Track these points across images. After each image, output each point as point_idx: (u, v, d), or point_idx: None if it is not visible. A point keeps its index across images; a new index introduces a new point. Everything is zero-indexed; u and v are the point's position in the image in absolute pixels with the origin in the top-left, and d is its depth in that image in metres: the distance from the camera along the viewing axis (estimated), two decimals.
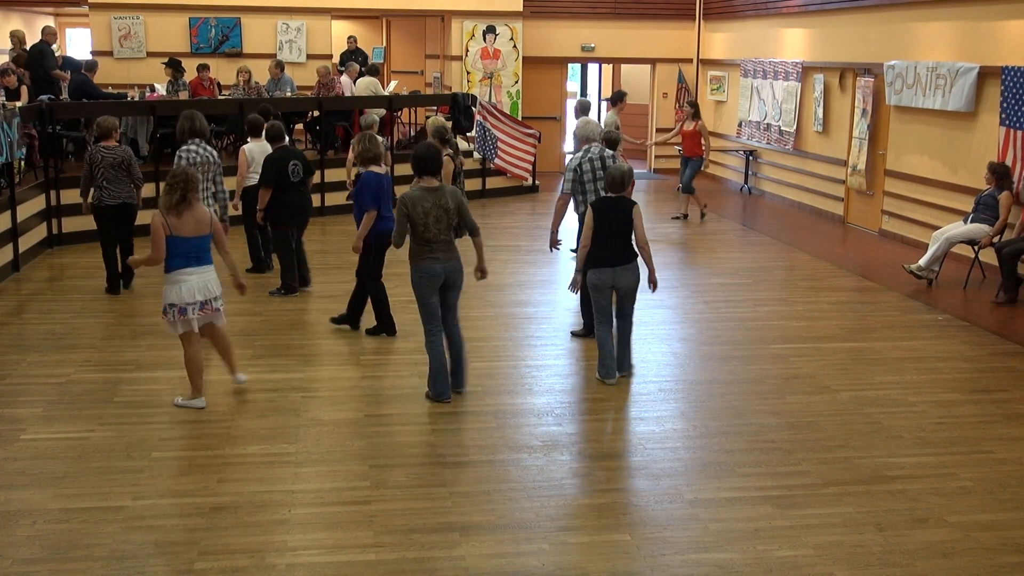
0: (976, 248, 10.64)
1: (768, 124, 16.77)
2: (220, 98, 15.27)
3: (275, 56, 17.10)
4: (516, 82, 18.67)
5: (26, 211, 11.23)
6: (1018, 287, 10.06)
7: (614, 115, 13.29)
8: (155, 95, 15.17)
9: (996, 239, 10.41)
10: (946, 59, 12.12)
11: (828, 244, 13.22)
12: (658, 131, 19.27)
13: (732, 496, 5.71)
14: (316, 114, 15.39)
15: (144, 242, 8.58)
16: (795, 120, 15.86)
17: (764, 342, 8.73)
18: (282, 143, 9.95)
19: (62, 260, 11.56)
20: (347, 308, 8.86)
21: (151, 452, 6.18)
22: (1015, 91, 10.79)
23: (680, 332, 9.01)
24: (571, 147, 13.81)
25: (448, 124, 10.56)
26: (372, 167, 8.49)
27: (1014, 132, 10.82)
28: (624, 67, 22.32)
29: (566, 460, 6.19)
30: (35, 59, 14.02)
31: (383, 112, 15.35)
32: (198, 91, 15.34)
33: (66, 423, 6.64)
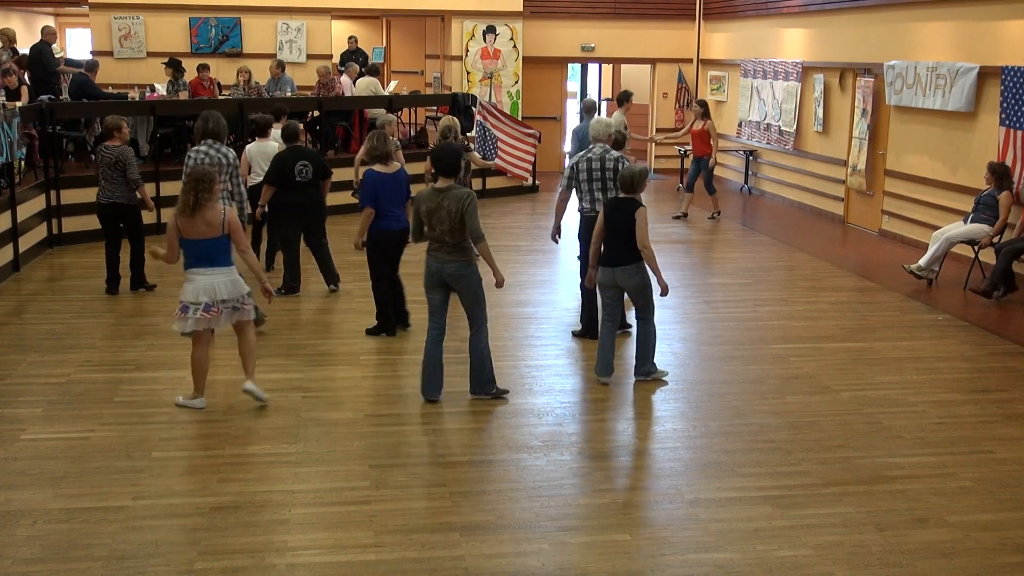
0: (976, 248, 10.64)
1: (768, 124, 16.77)
2: (220, 98, 15.26)
3: (275, 56, 17.10)
4: (516, 82, 18.67)
5: (26, 211, 11.23)
6: (1008, 284, 10.06)
7: (621, 115, 13.25)
8: (155, 95, 15.17)
9: (996, 239, 10.42)
10: (946, 59, 12.12)
11: (828, 244, 13.22)
12: (659, 131, 19.27)
13: (732, 496, 5.71)
14: (316, 114, 15.39)
15: (157, 241, 8.99)
16: (795, 120, 15.86)
17: (764, 342, 8.73)
18: (296, 142, 9.96)
19: (62, 260, 11.56)
20: (400, 310, 8.83)
21: (151, 452, 6.18)
22: (1015, 91, 10.79)
23: (680, 332, 9.01)
24: (570, 147, 13.80)
25: (457, 123, 10.49)
26: (376, 166, 8.49)
27: (1014, 132, 10.82)
28: (624, 67, 22.33)
29: (566, 460, 6.19)
30: (35, 59, 14.03)
31: (390, 116, 15.29)
32: (198, 91, 15.33)
33: (66, 423, 6.64)
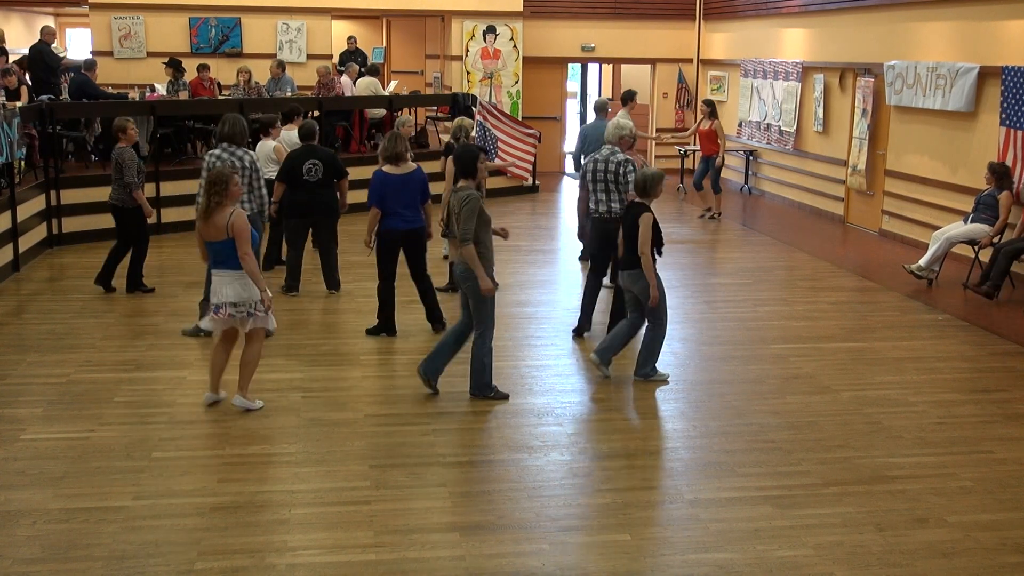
0: (976, 248, 10.64)
1: (768, 124, 16.77)
2: (220, 98, 15.26)
3: (275, 56, 17.10)
4: (516, 82, 18.67)
5: (26, 211, 11.22)
6: (1000, 285, 10.07)
7: (626, 114, 13.21)
8: (155, 95, 15.16)
9: (996, 239, 10.42)
10: (946, 59, 12.12)
11: (828, 244, 13.22)
12: (659, 130, 19.28)
13: (732, 496, 5.71)
14: (316, 114, 15.38)
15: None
16: (795, 120, 15.85)
17: (764, 342, 8.73)
18: (311, 141, 9.97)
19: (62, 260, 11.56)
20: (426, 311, 8.82)
21: (151, 452, 6.18)
22: (1015, 91, 10.79)
23: (680, 332, 9.00)
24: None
25: (467, 123, 10.44)
26: (386, 166, 8.53)
27: (1014, 132, 10.82)
28: (624, 67, 22.33)
29: (566, 460, 6.19)
30: (35, 59, 14.03)
31: (405, 118, 15.29)
32: (198, 91, 15.33)
33: (66, 423, 6.64)
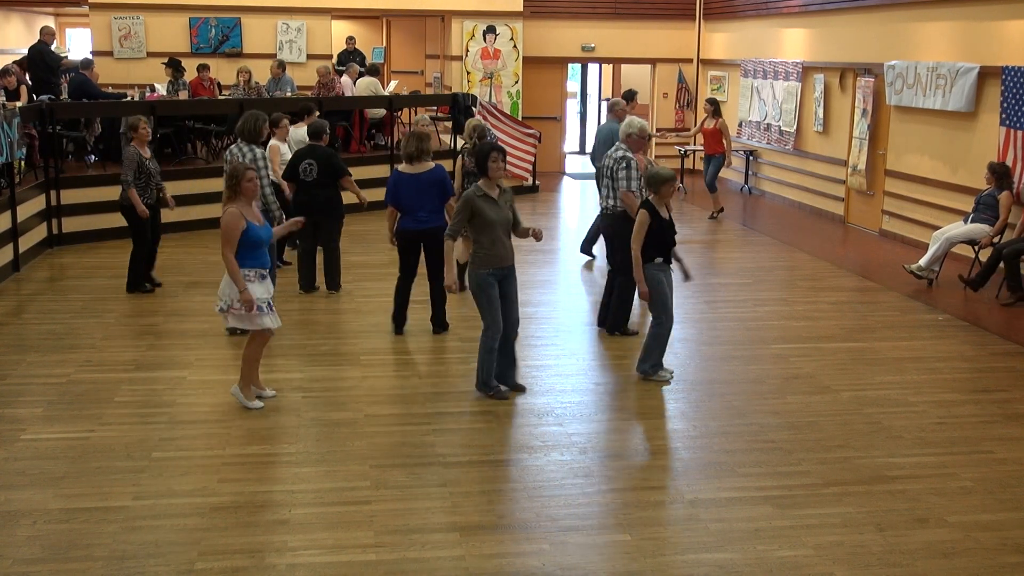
0: (976, 248, 10.64)
1: (768, 124, 16.77)
2: (220, 98, 15.26)
3: (275, 56, 17.10)
4: (516, 82, 18.67)
5: (26, 211, 11.22)
6: (985, 281, 10.09)
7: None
8: (155, 95, 15.17)
9: (996, 239, 10.41)
10: (946, 59, 12.12)
11: (828, 244, 13.22)
12: (659, 130, 19.27)
13: (732, 496, 5.70)
14: (316, 114, 15.36)
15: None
16: (795, 120, 15.86)
17: (764, 342, 8.73)
18: (317, 140, 9.96)
19: (62, 260, 11.56)
20: (432, 313, 8.84)
21: (151, 452, 6.18)
22: (1015, 91, 10.79)
23: (680, 332, 8.99)
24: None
25: (480, 124, 10.40)
26: (402, 166, 8.57)
27: (1014, 132, 10.82)
28: (624, 67, 22.32)
29: (566, 460, 6.19)
30: (35, 59, 14.02)
31: (423, 116, 15.29)
32: (198, 91, 15.34)
33: (66, 423, 6.64)
